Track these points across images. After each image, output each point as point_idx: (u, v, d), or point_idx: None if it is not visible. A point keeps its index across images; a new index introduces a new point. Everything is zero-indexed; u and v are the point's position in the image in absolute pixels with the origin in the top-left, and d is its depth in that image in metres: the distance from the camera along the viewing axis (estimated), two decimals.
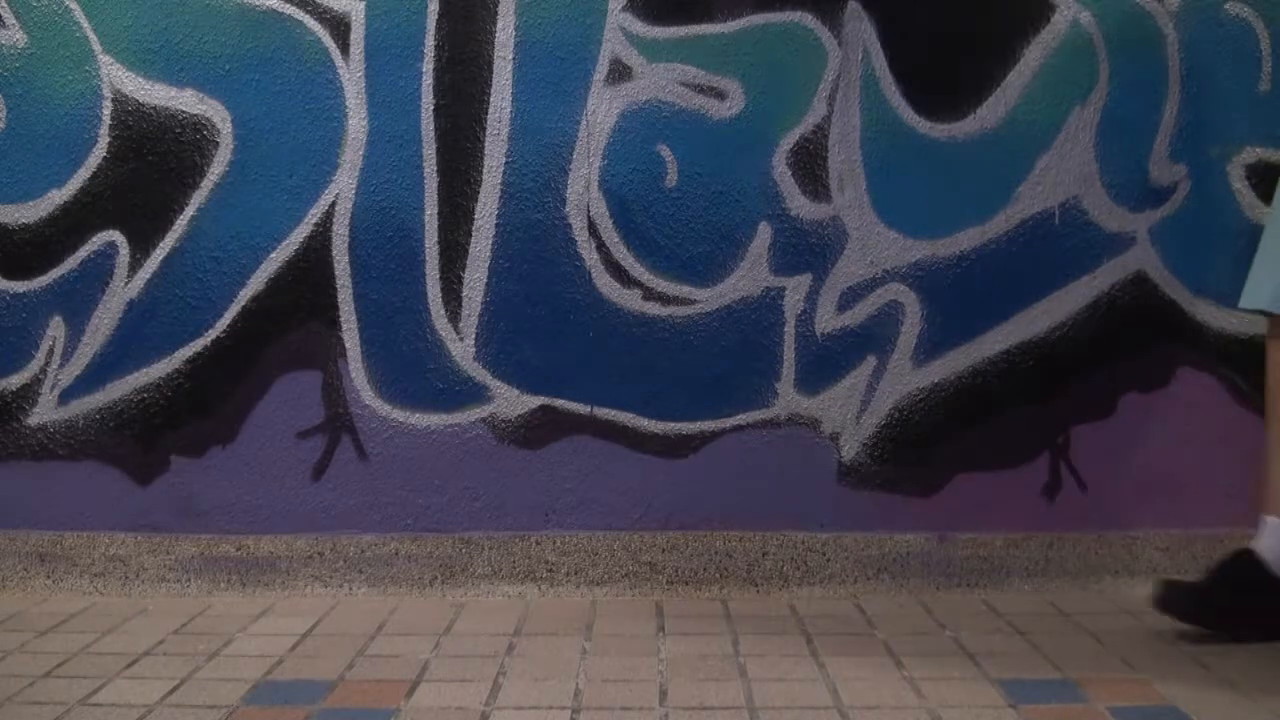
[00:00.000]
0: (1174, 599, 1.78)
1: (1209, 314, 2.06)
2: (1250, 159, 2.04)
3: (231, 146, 2.05)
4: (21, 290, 2.08)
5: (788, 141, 2.04)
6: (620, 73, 2.04)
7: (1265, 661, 1.69)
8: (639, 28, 2.03)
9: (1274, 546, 1.75)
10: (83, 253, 2.07)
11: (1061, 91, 2.03)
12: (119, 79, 2.04)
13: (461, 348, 2.07)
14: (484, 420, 2.08)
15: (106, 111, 2.05)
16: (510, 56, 2.04)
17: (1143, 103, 2.04)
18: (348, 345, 2.07)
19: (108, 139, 2.05)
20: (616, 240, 2.06)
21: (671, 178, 2.05)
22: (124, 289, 2.07)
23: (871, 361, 2.08)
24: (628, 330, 2.06)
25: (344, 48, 2.04)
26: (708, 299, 2.06)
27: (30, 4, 2.04)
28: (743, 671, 1.67)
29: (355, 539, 2.09)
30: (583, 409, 2.08)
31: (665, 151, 2.05)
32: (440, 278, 2.06)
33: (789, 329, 2.07)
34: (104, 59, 2.04)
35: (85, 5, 2.04)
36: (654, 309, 2.07)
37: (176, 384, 2.08)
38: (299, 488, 2.09)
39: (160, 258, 2.06)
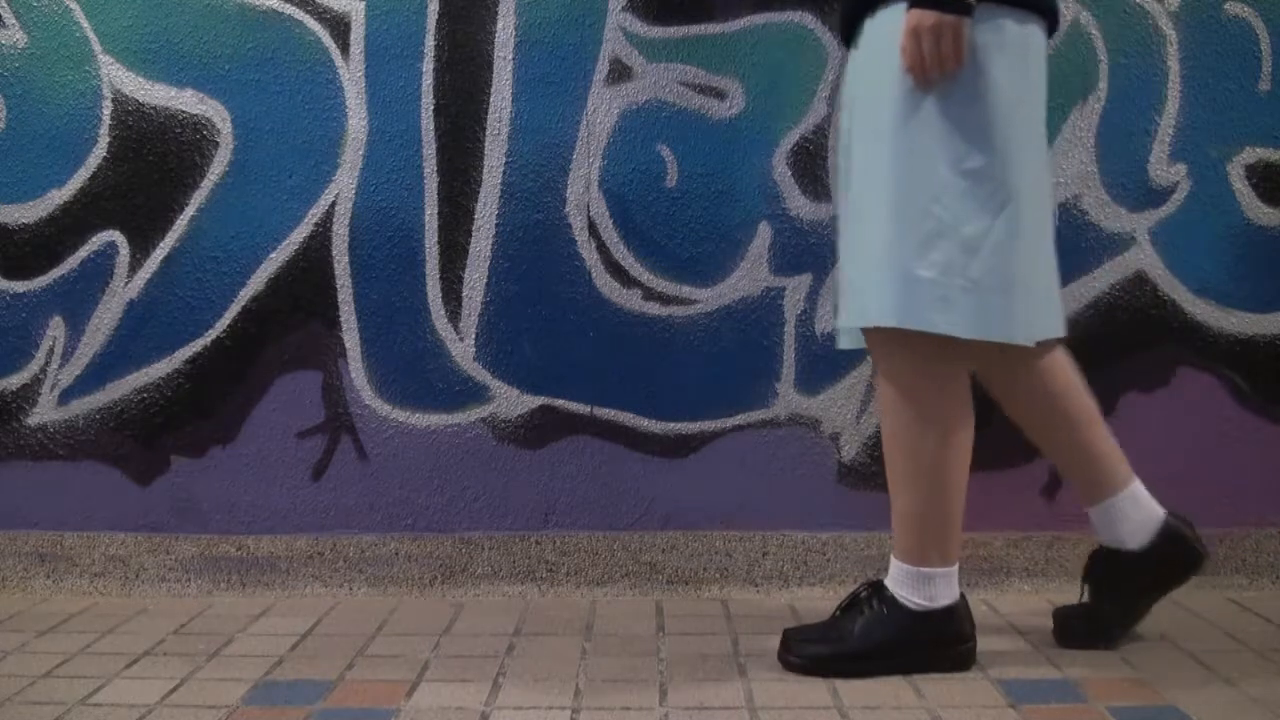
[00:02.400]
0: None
1: (1209, 314, 2.06)
2: (1250, 159, 2.04)
3: (231, 146, 2.05)
4: (21, 290, 2.08)
5: (788, 141, 2.04)
6: (620, 73, 2.04)
7: (1266, 662, 1.69)
8: (639, 28, 2.03)
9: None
10: (83, 253, 2.07)
11: (1061, 91, 2.03)
12: (119, 79, 2.04)
13: (461, 348, 2.07)
14: (484, 420, 2.08)
15: (106, 111, 2.05)
16: (510, 56, 2.04)
17: (1142, 103, 2.04)
18: (348, 345, 2.07)
19: (108, 139, 2.05)
20: (616, 240, 2.06)
21: (671, 178, 2.05)
22: (124, 289, 2.07)
23: (871, 361, 2.07)
24: (628, 330, 2.06)
25: (344, 48, 2.04)
26: (708, 299, 2.06)
27: (30, 4, 2.04)
28: (743, 671, 1.67)
29: (355, 539, 2.09)
30: (583, 409, 2.08)
31: (665, 151, 2.05)
32: (440, 278, 2.06)
33: (789, 329, 2.07)
34: (104, 59, 2.04)
35: (85, 5, 2.04)
36: (654, 309, 2.06)
37: (176, 384, 2.08)
38: (299, 488, 2.09)
39: (160, 258, 2.06)
